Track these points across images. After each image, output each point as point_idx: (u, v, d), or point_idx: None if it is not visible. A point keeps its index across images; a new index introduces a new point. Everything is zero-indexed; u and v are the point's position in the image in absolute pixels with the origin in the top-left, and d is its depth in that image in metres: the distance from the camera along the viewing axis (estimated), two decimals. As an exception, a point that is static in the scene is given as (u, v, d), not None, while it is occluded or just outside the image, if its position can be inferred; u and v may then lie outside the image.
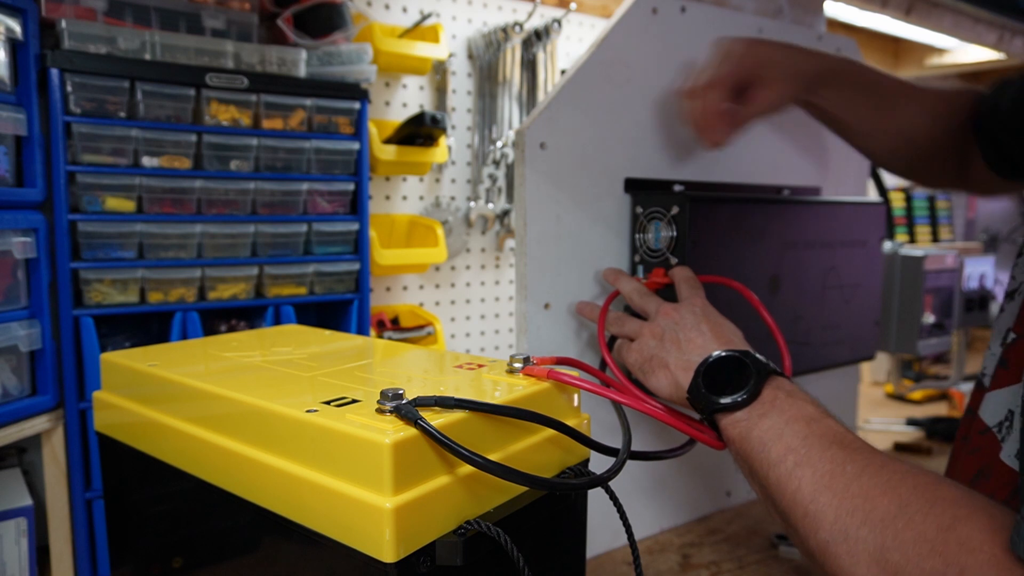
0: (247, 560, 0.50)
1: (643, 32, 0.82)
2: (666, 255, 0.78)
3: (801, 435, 0.51)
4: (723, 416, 0.57)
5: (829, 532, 0.45)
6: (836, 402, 1.12)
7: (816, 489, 0.47)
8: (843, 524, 0.44)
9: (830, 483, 0.47)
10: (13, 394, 0.82)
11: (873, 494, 0.44)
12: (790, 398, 0.55)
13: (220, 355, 0.62)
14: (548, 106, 0.75)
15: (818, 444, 0.50)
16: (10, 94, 0.82)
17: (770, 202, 0.88)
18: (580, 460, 0.53)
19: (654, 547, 0.88)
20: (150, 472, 0.56)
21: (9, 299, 0.82)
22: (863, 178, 1.14)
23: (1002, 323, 0.62)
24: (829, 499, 0.46)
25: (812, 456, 0.49)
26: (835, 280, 0.93)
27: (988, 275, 1.41)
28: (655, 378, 0.64)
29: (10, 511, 0.80)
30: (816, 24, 1.08)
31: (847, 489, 0.46)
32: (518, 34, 1.38)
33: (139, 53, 0.90)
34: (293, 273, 1.03)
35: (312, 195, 1.05)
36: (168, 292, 0.94)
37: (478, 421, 0.45)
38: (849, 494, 0.45)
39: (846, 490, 0.46)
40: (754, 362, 0.57)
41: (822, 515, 0.46)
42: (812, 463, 0.49)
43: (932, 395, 1.62)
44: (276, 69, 0.99)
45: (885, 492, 0.44)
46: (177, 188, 0.93)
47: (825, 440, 0.50)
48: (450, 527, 0.42)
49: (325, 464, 0.42)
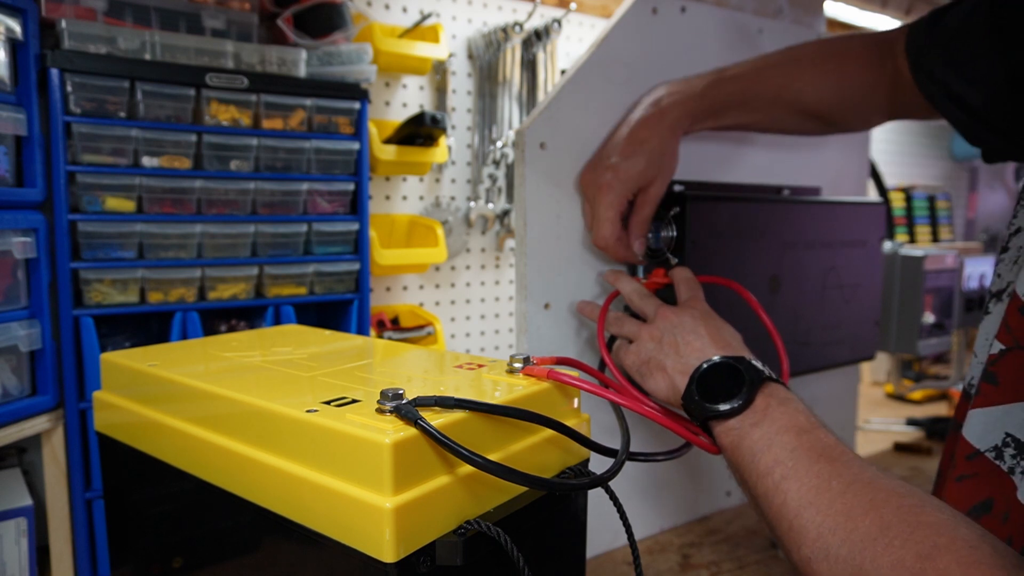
0: (247, 560, 0.50)
1: (643, 32, 0.82)
2: (666, 255, 0.78)
3: (790, 447, 0.51)
4: (716, 423, 0.57)
5: (811, 549, 0.45)
6: (836, 402, 1.12)
7: (801, 504, 0.47)
8: (824, 542, 0.44)
9: (815, 499, 0.47)
10: (13, 394, 0.82)
11: (856, 513, 0.44)
12: (782, 406, 0.54)
13: (220, 355, 0.62)
14: (548, 106, 0.75)
15: (805, 457, 0.50)
16: (10, 94, 0.82)
17: (770, 202, 0.88)
18: (580, 460, 0.53)
19: (654, 547, 0.88)
20: (150, 472, 0.56)
21: (9, 299, 0.82)
22: (863, 178, 1.14)
23: (989, 327, 0.60)
24: (812, 515, 0.46)
25: (799, 470, 0.49)
26: (835, 280, 0.93)
27: (988, 275, 1.41)
28: (653, 381, 0.64)
29: (10, 511, 0.80)
30: (816, 24, 1.08)
31: (831, 506, 0.46)
32: (518, 34, 1.38)
33: (139, 53, 0.90)
34: (293, 273, 1.03)
35: (312, 195, 1.05)
36: (168, 292, 0.94)
37: (478, 421, 0.45)
38: (832, 511, 0.45)
39: (829, 507, 0.46)
40: (748, 369, 0.57)
41: (805, 531, 0.46)
42: (799, 477, 0.49)
43: (932, 395, 1.62)
44: (276, 69, 0.99)
45: (868, 512, 0.44)
46: (177, 188, 0.93)
47: (813, 453, 0.50)
48: (450, 527, 0.42)
49: (325, 464, 0.42)
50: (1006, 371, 0.55)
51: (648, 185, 0.73)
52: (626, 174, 0.72)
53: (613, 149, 0.74)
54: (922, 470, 1.17)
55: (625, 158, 0.72)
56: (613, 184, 0.72)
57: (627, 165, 0.72)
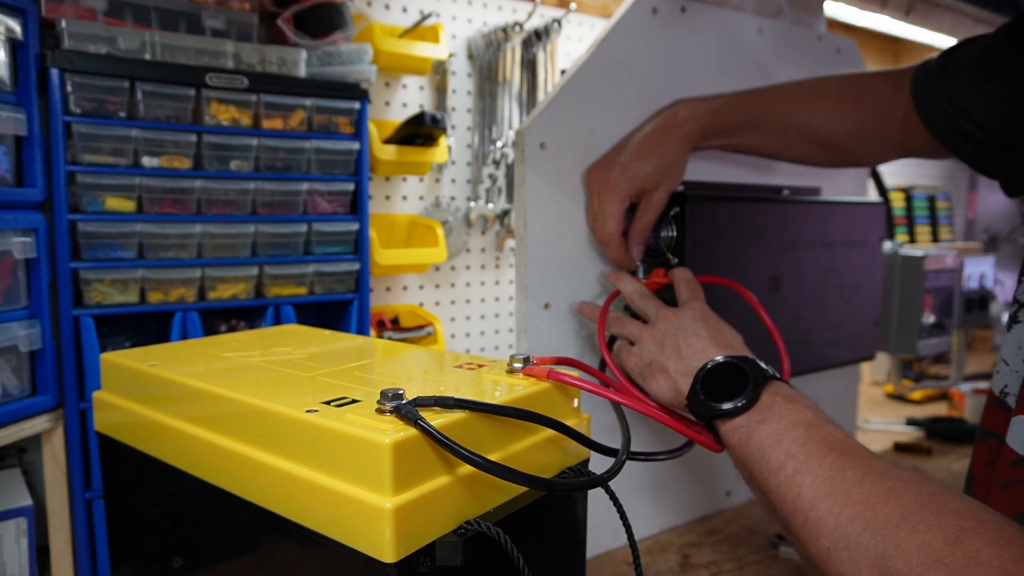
0: (247, 560, 0.50)
1: (643, 32, 0.82)
2: (666, 255, 0.78)
3: (800, 441, 0.51)
4: (722, 422, 0.57)
5: (830, 539, 0.45)
6: (836, 402, 1.12)
7: (816, 496, 0.47)
8: (844, 531, 0.44)
9: (830, 490, 0.47)
10: (13, 394, 0.82)
11: (874, 501, 0.44)
12: (788, 403, 0.55)
13: (220, 355, 0.62)
14: (548, 106, 0.75)
15: (817, 450, 0.50)
16: (10, 94, 0.82)
17: (770, 202, 0.88)
18: (580, 460, 0.53)
19: (654, 547, 0.88)
20: (150, 472, 0.56)
21: (9, 299, 0.82)
22: (863, 178, 1.14)
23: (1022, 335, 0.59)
24: (829, 506, 0.46)
25: (812, 462, 0.49)
26: (835, 280, 0.93)
27: (988, 275, 1.42)
28: (655, 383, 0.64)
29: (10, 511, 0.80)
30: (816, 24, 1.08)
31: (848, 496, 0.45)
32: (518, 34, 1.38)
33: (139, 53, 0.90)
34: (293, 273, 1.03)
35: (312, 195, 1.05)
36: (168, 292, 0.94)
37: (478, 421, 0.45)
38: (850, 501, 0.45)
39: (847, 497, 0.45)
40: (752, 368, 0.57)
41: (823, 522, 0.46)
42: (812, 469, 0.49)
43: (932, 395, 1.62)
44: (276, 69, 0.99)
45: (887, 500, 0.43)
46: (177, 188, 0.93)
47: (824, 446, 0.50)
48: (450, 527, 0.42)
49: (325, 464, 0.42)
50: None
51: (653, 189, 0.74)
52: (634, 173, 0.73)
53: (624, 150, 0.76)
54: (922, 470, 1.16)
55: (635, 159, 0.74)
56: (620, 181, 0.73)
57: (636, 165, 0.73)
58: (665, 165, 0.74)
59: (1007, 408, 0.59)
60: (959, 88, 0.68)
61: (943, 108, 0.70)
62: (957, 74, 0.69)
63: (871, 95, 0.77)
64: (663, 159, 0.74)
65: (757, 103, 0.78)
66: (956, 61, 0.69)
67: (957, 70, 0.69)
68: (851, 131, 0.78)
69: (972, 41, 0.70)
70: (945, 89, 0.69)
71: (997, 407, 0.61)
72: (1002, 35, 0.66)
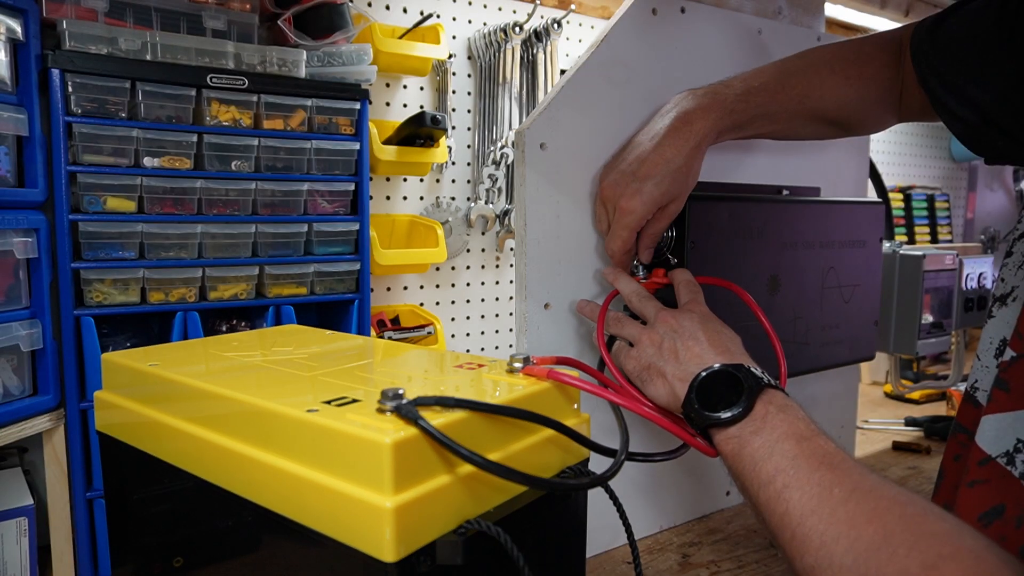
0: (247, 559, 0.50)
1: (643, 32, 0.82)
2: (666, 255, 0.78)
3: (790, 455, 0.51)
4: (717, 431, 0.57)
5: (814, 557, 0.45)
6: (835, 402, 1.12)
7: (803, 513, 0.47)
8: (828, 551, 0.45)
9: (817, 507, 0.47)
10: (14, 394, 0.83)
11: (859, 521, 0.44)
12: (782, 413, 0.55)
13: (221, 355, 0.62)
14: (548, 106, 0.75)
15: (806, 465, 0.50)
16: (11, 94, 0.82)
17: (769, 202, 0.88)
18: (580, 460, 0.53)
19: (654, 547, 0.88)
20: (151, 471, 0.56)
21: (10, 299, 0.83)
22: (863, 178, 1.15)
23: (994, 331, 0.60)
24: (815, 523, 0.46)
25: (800, 478, 0.49)
26: (834, 280, 0.93)
27: (987, 275, 1.42)
28: (653, 387, 0.64)
29: (11, 511, 0.80)
30: (815, 24, 1.08)
31: (833, 514, 0.46)
32: (518, 34, 1.39)
33: (140, 54, 0.90)
34: (293, 273, 1.04)
35: (312, 195, 1.05)
36: (169, 292, 0.94)
37: (478, 421, 0.45)
38: (835, 520, 0.45)
39: (832, 515, 0.46)
40: (747, 376, 0.57)
41: (808, 540, 0.46)
42: (800, 485, 0.49)
43: (931, 395, 1.62)
44: (277, 70, 0.99)
45: (871, 520, 0.44)
46: (178, 188, 0.93)
47: (814, 460, 0.50)
48: (450, 527, 0.42)
49: (325, 464, 0.42)
50: (1018, 378, 0.55)
51: (669, 203, 0.73)
52: (650, 197, 0.72)
53: (638, 162, 0.73)
54: (921, 469, 1.17)
55: (650, 178, 0.72)
56: (636, 208, 0.72)
57: (651, 188, 0.72)
58: (680, 179, 0.73)
59: (977, 404, 0.60)
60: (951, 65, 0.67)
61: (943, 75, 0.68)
62: (948, 50, 0.68)
63: (876, 66, 0.76)
64: (678, 173, 0.72)
65: (767, 93, 0.76)
66: (947, 34, 0.68)
67: (949, 46, 0.68)
68: (859, 107, 0.78)
69: (961, 8, 0.68)
70: (937, 65, 0.68)
71: (967, 402, 0.61)
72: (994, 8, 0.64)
